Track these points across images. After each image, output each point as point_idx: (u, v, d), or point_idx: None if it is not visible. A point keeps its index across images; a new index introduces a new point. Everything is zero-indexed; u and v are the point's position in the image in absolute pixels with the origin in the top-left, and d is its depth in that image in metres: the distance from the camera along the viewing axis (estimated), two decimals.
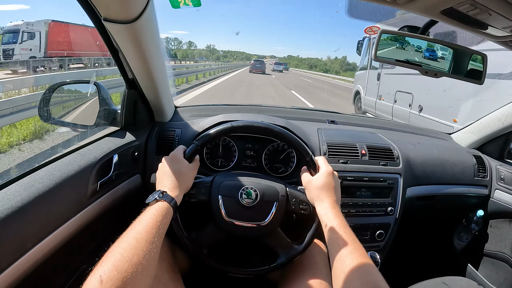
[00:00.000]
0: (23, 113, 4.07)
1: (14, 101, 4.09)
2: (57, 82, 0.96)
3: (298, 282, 0.79)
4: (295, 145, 0.82)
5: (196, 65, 20.99)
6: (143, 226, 0.58)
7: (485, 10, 0.55)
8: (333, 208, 0.72)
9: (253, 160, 1.07)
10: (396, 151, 1.13)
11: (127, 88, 0.97)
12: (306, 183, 0.80)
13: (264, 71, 26.90)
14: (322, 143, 1.09)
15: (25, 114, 4.08)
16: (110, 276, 0.48)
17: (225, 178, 0.82)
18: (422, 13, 0.66)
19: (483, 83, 0.83)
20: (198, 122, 1.10)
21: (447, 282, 1.09)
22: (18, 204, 0.61)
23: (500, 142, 1.37)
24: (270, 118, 1.08)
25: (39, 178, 0.69)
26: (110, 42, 0.80)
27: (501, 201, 1.28)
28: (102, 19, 0.66)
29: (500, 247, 1.32)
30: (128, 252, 0.52)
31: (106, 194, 0.86)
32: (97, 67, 11.16)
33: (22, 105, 4.09)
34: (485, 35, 0.68)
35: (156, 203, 0.65)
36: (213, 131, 0.80)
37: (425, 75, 0.80)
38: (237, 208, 0.77)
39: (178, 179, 0.73)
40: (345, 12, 0.72)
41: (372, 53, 0.75)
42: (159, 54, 0.86)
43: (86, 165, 0.80)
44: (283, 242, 0.79)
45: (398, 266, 1.36)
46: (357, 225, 1.04)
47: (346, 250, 0.62)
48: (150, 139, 1.04)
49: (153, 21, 0.73)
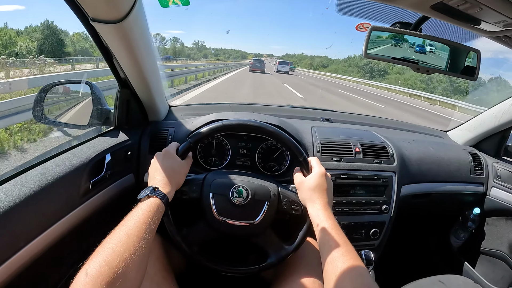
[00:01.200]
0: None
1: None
2: (50, 83, 0.96)
3: (291, 280, 0.79)
4: (288, 145, 0.82)
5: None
6: (134, 222, 0.58)
7: (475, 4, 0.54)
8: (325, 210, 0.72)
9: (246, 159, 1.07)
10: (390, 148, 1.13)
11: (119, 88, 0.97)
12: (299, 183, 0.80)
13: (264, 70, 27.11)
14: (316, 141, 1.08)
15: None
16: (101, 271, 0.48)
17: (217, 176, 0.82)
18: (412, 8, 0.66)
19: (476, 79, 0.82)
20: (191, 121, 1.10)
21: (443, 281, 1.09)
22: (10, 203, 0.61)
23: (497, 139, 1.37)
24: (263, 117, 1.08)
25: (31, 178, 0.69)
26: (100, 42, 0.79)
27: (497, 199, 1.27)
28: (90, 19, 0.66)
29: (496, 245, 1.31)
30: (119, 247, 0.53)
31: (99, 193, 0.87)
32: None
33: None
34: (478, 30, 0.68)
35: (148, 199, 0.65)
36: (205, 128, 0.80)
37: (416, 71, 0.79)
38: (228, 206, 0.77)
39: (170, 176, 0.73)
40: (335, 8, 0.72)
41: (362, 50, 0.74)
42: (150, 53, 0.85)
43: (79, 164, 0.80)
44: (274, 242, 0.79)
45: (393, 265, 1.35)
46: (351, 224, 1.04)
47: (337, 253, 0.62)
48: (143, 138, 1.04)
49: (142, 20, 0.73)
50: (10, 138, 3.78)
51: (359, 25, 0.77)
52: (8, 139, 3.75)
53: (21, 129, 4.01)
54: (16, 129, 3.97)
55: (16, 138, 3.82)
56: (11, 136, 3.84)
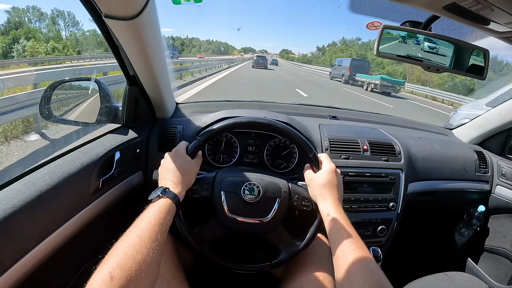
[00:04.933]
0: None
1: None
2: (58, 80, 0.96)
3: (301, 277, 0.79)
4: (298, 142, 0.82)
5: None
6: (146, 224, 0.58)
7: (487, 6, 0.54)
8: (336, 206, 0.72)
9: (255, 156, 1.07)
10: (397, 146, 1.13)
11: (128, 85, 0.97)
12: (309, 180, 0.80)
13: (267, 66, 27.33)
14: (324, 138, 1.09)
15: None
16: (114, 274, 0.48)
17: (227, 174, 0.82)
18: (424, 8, 0.66)
19: (485, 79, 0.83)
20: (200, 118, 1.10)
21: (448, 278, 1.10)
22: (20, 202, 0.61)
23: (502, 137, 1.37)
24: (272, 114, 1.08)
25: (41, 177, 0.69)
26: (111, 39, 0.79)
27: (502, 197, 1.28)
28: (102, 15, 0.65)
29: (501, 242, 1.32)
30: (132, 250, 0.52)
31: (108, 192, 0.87)
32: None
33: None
34: (487, 30, 0.68)
35: (159, 200, 0.65)
36: (216, 126, 0.80)
37: (427, 70, 0.79)
38: (240, 204, 0.77)
39: (181, 175, 0.73)
40: (347, 7, 0.72)
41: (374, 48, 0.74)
42: (160, 51, 0.85)
43: (88, 162, 0.80)
44: (285, 239, 0.80)
45: (400, 261, 1.36)
46: (359, 221, 1.05)
47: (349, 248, 0.62)
48: (152, 136, 1.04)
49: (154, 17, 0.73)
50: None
51: (370, 24, 0.78)
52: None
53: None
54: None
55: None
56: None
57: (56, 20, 45.56)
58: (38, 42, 26.83)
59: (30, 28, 34.66)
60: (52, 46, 26.48)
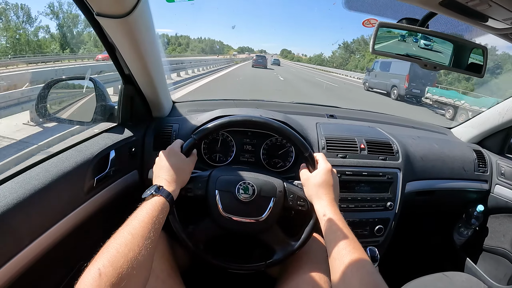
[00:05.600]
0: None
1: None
2: (53, 79, 0.95)
3: (297, 277, 0.78)
4: (294, 141, 0.81)
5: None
6: (139, 221, 0.58)
7: (484, 1, 0.53)
8: (332, 206, 0.71)
9: (251, 155, 1.06)
10: (395, 145, 1.13)
11: (123, 84, 0.96)
12: (305, 180, 0.79)
13: (266, 66, 28.60)
14: (321, 137, 1.08)
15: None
16: (105, 272, 0.48)
17: (222, 173, 0.81)
18: (420, 5, 0.65)
19: (483, 76, 0.82)
20: (196, 117, 1.09)
21: (447, 278, 1.09)
22: (14, 201, 0.61)
23: (501, 136, 1.36)
24: (268, 113, 1.07)
25: (35, 175, 0.69)
26: (105, 37, 0.78)
27: (501, 196, 1.27)
28: (94, 14, 0.65)
29: (500, 242, 1.31)
30: (124, 247, 0.52)
31: (103, 190, 0.86)
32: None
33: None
34: (485, 27, 0.67)
35: (153, 198, 0.65)
36: (211, 125, 0.80)
37: (423, 68, 0.79)
38: (234, 203, 0.76)
39: (175, 174, 0.72)
40: (342, 4, 0.71)
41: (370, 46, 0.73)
42: (155, 49, 0.84)
43: (83, 161, 0.80)
44: (280, 238, 0.79)
45: (398, 261, 1.36)
46: (356, 220, 1.04)
47: (345, 250, 0.62)
48: (148, 135, 1.03)
49: (147, 15, 0.72)
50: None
51: (366, 21, 0.77)
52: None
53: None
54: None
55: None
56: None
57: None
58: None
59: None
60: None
